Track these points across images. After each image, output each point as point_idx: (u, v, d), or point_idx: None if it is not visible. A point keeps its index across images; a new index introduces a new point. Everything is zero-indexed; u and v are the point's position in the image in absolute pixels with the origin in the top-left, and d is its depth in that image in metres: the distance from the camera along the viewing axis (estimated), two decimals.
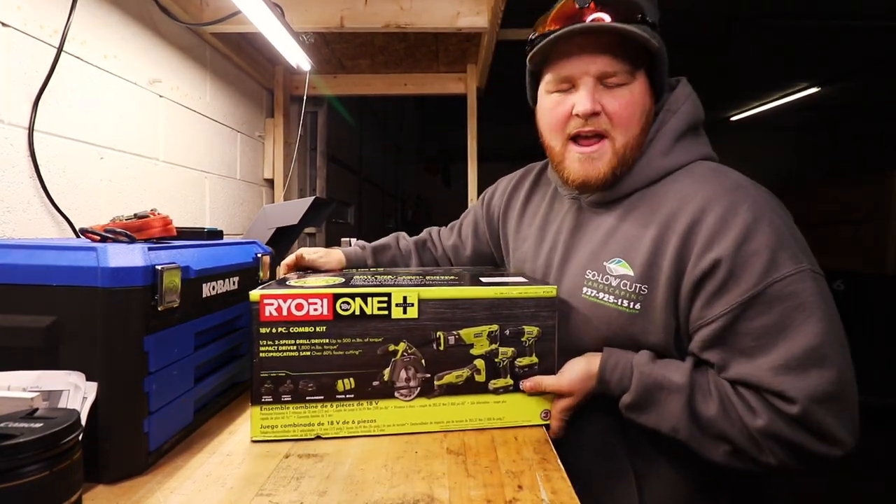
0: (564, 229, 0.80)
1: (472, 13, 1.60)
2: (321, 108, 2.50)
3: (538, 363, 0.73)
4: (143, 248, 0.60)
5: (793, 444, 0.59)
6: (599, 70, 0.68)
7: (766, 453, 0.60)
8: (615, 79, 0.69)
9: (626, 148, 0.70)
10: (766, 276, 0.60)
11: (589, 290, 0.73)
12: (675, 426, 0.64)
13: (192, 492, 0.55)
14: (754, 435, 0.60)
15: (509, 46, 2.07)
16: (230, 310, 0.79)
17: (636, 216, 0.71)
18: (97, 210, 1.14)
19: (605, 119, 0.69)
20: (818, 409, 0.57)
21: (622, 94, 0.69)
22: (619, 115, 0.69)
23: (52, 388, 0.54)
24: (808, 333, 0.59)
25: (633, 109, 0.69)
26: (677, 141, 0.73)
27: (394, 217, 5.62)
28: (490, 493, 0.55)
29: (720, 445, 0.63)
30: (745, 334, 0.62)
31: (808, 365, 0.58)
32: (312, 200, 1.36)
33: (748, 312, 0.61)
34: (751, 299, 0.60)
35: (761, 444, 0.60)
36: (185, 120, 1.51)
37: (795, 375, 0.58)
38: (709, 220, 0.64)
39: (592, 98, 0.68)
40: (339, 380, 0.68)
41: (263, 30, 1.36)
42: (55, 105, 1.02)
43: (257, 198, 2.07)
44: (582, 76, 0.69)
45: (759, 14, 3.55)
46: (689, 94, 0.76)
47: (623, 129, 0.69)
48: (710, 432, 0.63)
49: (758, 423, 0.60)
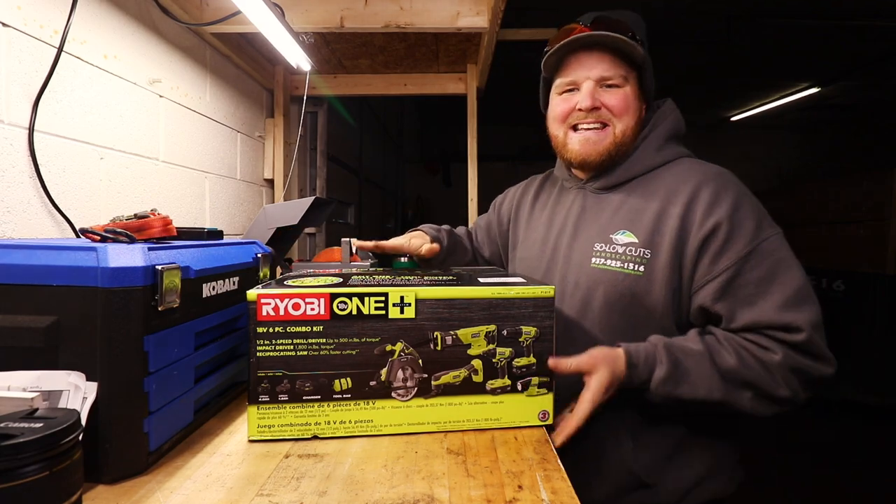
0: (573, 214, 0.93)
1: (472, 13, 1.60)
2: (321, 108, 2.50)
3: (536, 363, 0.73)
4: (144, 248, 0.60)
5: (802, 370, 0.72)
6: (598, 74, 0.85)
7: (781, 386, 0.72)
8: (611, 81, 0.85)
9: (623, 134, 0.86)
10: (756, 238, 0.76)
11: (597, 259, 0.84)
12: (710, 387, 0.73)
13: (192, 492, 0.55)
14: (772, 370, 0.72)
15: (509, 47, 2.07)
16: (230, 310, 0.79)
17: (637, 196, 0.86)
18: (97, 210, 1.14)
19: (606, 112, 0.85)
20: (815, 334, 0.72)
21: (618, 92, 0.85)
22: (617, 107, 0.85)
23: (53, 388, 0.54)
24: (794, 278, 0.75)
25: (628, 104, 0.85)
26: (666, 142, 0.89)
27: (394, 217, 5.62)
28: (490, 493, 0.55)
29: (745, 392, 0.73)
30: (745, 285, 0.75)
31: (801, 301, 0.73)
32: (312, 200, 1.36)
33: (746, 266, 0.75)
34: (747, 255, 0.75)
35: (778, 378, 0.72)
36: (186, 120, 1.51)
37: (796, 309, 0.73)
38: (705, 194, 0.79)
39: (592, 96, 0.84)
40: (335, 380, 0.68)
41: (263, 30, 1.36)
42: (55, 105, 1.02)
43: (257, 198, 2.07)
44: (584, 80, 0.85)
45: (760, 13, 3.55)
46: (674, 109, 0.93)
47: (620, 118, 0.85)
48: (736, 382, 0.73)
49: (776, 358, 0.72)
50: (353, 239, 1.60)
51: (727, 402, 0.73)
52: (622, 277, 0.81)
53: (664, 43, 4.21)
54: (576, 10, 0.96)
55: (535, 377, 0.73)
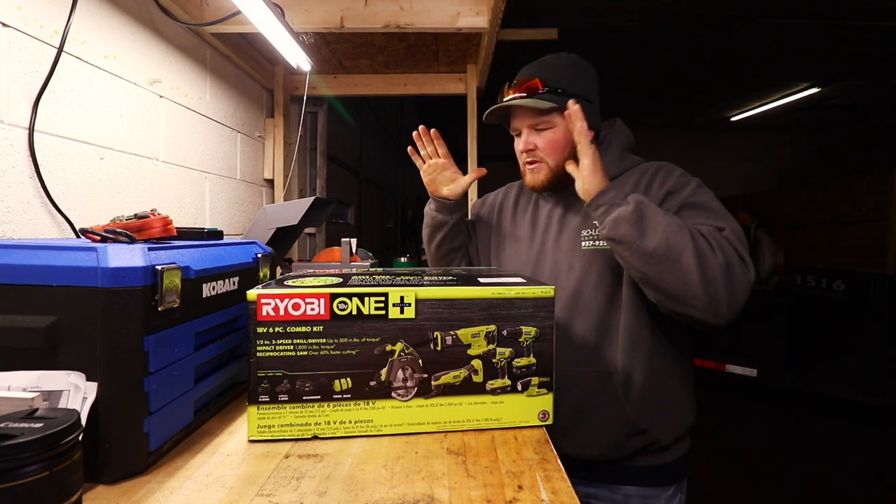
0: (556, 212, 1.08)
1: (472, 13, 1.60)
2: (321, 108, 2.50)
3: (536, 364, 0.73)
4: (144, 248, 0.60)
5: (727, 251, 0.83)
6: (528, 123, 1.03)
7: (716, 251, 0.82)
8: (540, 126, 1.02)
9: (557, 167, 1.02)
10: (696, 190, 0.95)
11: (586, 242, 1.01)
12: (666, 228, 0.82)
13: (192, 492, 0.55)
14: (705, 234, 0.84)
15: (509, 47, 2.07)
16: (230, 310, 0.79)
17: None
18: (97, 210, 1.14)
19: (539, 151, 1.03)
20: (737, 240, 0.85)
21: (546, 135, 1.02)
22: (545, 148, 1.02)
23: (53, 388, 0.54)
24: (725, 215, 0.91)
25: (556, 143, 1.02)
26: (622, 153, 1.06)
27: (394, 217, 5.62)
28: (490, 494, 0.55)
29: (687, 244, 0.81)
30: (687, 215, 0.92)
31: (729, 221, 0.89)
32: (312, 200, 1.36)
33: (688, 204, 0.93)
34: (689, 197, 0.94)
35: (711, 242, 0.83)
36: (186, 120, 1.51)
37: (723, 221, 0.89)
38: (660, 175, 0.99)
39: (526, 141, 1.04)
40: (335, 380, 0.68)
41: (263, 30, 1.36)
42: (55, 105, 1.02)
43: (257, 198, 2.07)
44: (522, 128, 1.04)
45: (760, 13, 3.55)
46: (623, 127, 1.10)
47: (552, 156, 1.02)
48: (682, 231, 0.82)
49: (705, 229, 0.85)
50: (353, 239, 1.60)
51: (676, 251, 0.81)
52: (611, 253, 0.95)
53: (664, 44, 4.21)
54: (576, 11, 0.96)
55: (535, 377, 0.73)
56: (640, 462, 0.99)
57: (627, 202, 0.84)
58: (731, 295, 0.81)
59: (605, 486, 1.01)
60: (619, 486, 1.00)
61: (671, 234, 0.81)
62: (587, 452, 0.97)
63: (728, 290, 0.81)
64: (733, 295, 0.81)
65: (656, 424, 0.97)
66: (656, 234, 0.81)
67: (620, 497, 1.00)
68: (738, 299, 0.82)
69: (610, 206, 0.86)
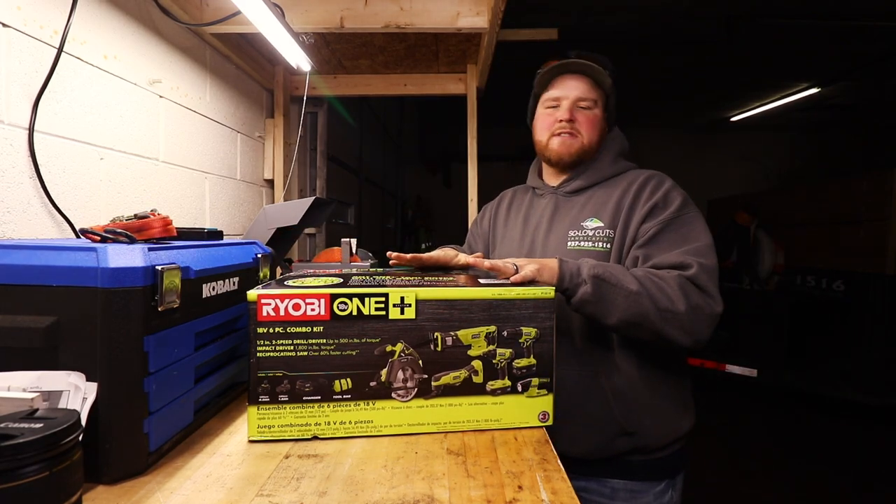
0: (546, 213, 1.13)
1: (472, 13, 1.60)
2: (321, 108, 2.50)
3: (536, 364, 0.73)
4: (144, 248, 0.60)
5: (690, 294, 0.87)
6: (576, 96, 1.08)
7: (679, 300, 0.86)
8: (584, 103, 1.08)
9: (589, 144, 1.09)
10: (679, 211, 0.98)
11: (573, 242, 1.04)
12: (626, 303, 0.85)
13: (192, 492, 0.55)
14: (667, 286, 0.87)
15: (509, 47, 2.07)
16: (230, 310, 0.79)
17: (600, 195, 1.08)
18: (97, 210, 1.14)
19: (578, 125, 1.08)
20: (704, 273, 0.89)
21: (587, 113, 1.09)
22: (585, 123, 1.08)
23: (53, 388, 0.54)
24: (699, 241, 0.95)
25: (594, 122, 1.09)
26: (616, 158, 1.12)
27: (394, 217, 5.63)
28: (490, 494, 0.55)
29: (650, 307, 0.85)
30: (662, 241, 0.96)
31: (700, 255, 0.92)
32: (312, 201, 1.36)
33: (667, 228, 0.96)
34: (670, 219, 0.97)
35: (673, 294, 0.86)
36: (186, 120, 1.51)
37: (693, 257, 0.92)
38: (649, 186, 1.03)
39: (570, 111, 1.08)
40: (336, 380, 0.68)
41: (263, 30, 1.36)
42: (55, 105, 1.02)
43: (257, 198, 2.07)
44: (565, 99, 1.09)
45: (760, 13, 3.55)
46: (619, 134, 1.17)
47: (587, 132, 1.09)
48: (642, 297, 0.86)
49: (669, 277, 0.89)
50: (353, 239, 1.60)
51: (639, 317, 0.86)
52: (595, 255, 1.00)
53: (664, 45, 4.21)
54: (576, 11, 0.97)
55: (536, 378, 0.73)
56: (629, 458, 1.00)
57: (586, 281, 0.86)
58: (695, 333, 0.87)
59: (594, 479, 1.02)
60: (607, 479, 1.01)
61: (631, 304, 0.85)
62: (574, 450, 0.98)
63: (692, 330, 0.87)
64: (698, 332, 0.88)
65: (646, 428, 0.97)
66: (617, 312, 0.86)
67: (608, 490, 1.01)
68: (704, 334, 0.88)
69: (573, 287, 0.87)
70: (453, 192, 7.23)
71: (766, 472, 2.82)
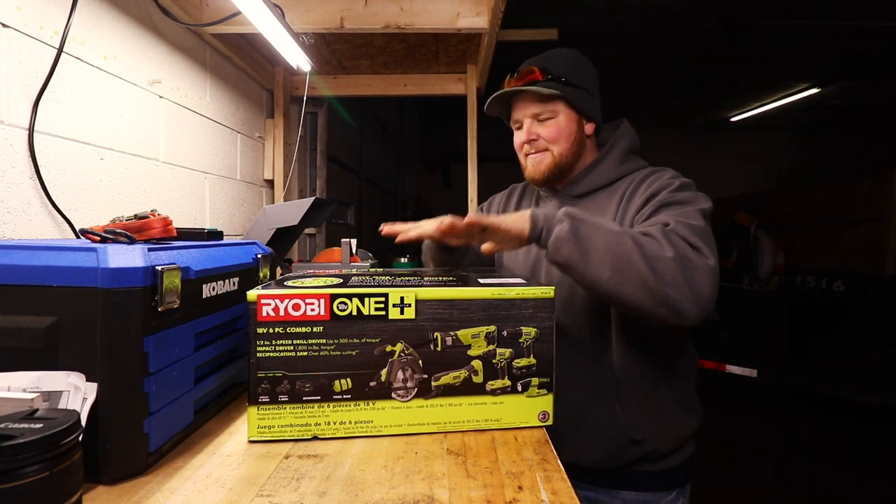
0: None
1: (471, 14, 1.60)
2: (321, 108, 2.50)
3: (536, 364, 0.73)
4: (143, 248, 0.60)
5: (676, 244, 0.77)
6: (531, 112, 1.02)
7: (665, 247, 0.76)
8: (542, 115, 1.01)
9: (561, 156, 1.01)
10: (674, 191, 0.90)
11: None
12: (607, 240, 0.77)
13: (191, 492, 0.55)
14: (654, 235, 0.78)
15: (509, 47, 2.07)
16: (230, 310, 0.79)
17: (604, 198, 1.02)
18: (97, 211, 1.14)
19: (543, 141, 1.02)
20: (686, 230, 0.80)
21: (550, 124, 1.01)
22: (549, 136, 1.01)
23: (53, 388, 0.54)
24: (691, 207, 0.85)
25: (559, 132, 1.00)
26: (625, 156, 1.04)
27: (394, 217, 5.62)
28: (490, 494, 0.55)
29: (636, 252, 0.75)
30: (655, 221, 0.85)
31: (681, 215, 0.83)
32: (312, 201, 1.36)
33: (660, 209, 0.88)
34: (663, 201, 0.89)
35: (660, 241, 0.77)
36: (186, 120, 1.51)
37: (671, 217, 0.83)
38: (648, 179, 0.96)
39: (529, 132, 1.02)
40: (335, 380, 0.68)
41: (263, 30, 1.36)
42: (55, 106, 1.02)
43: (257, 198, 2.07)
44: (524, 118, 1.03)
45: (760, 13, 3.55)
46: (629, 129, 1.08)
47: (556, 144, 1.01)
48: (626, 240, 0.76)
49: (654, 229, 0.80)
50: (353, 240, 1.60)
51: (623, 261, 0.75)
52: None
53: (664, 45, 4.21)
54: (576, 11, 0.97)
55: (535, 378, 0.73)
56: (639, 468, 0.97)
57: (562, 219, 0.79)
58: (692, 289, 0.75)
59: (603, 490, 0.99)
60: (618, 490, 0.99)
61: (612, 244, 0.76)
62: (583, 460, 0.96)
63: (688, 284, 0.74)
64: (696, 288, 0.75)
65: (653, 434, 0.95)
66: (598, 254, 0.76)
67: (619, 502, 0.99)
68: (704, 291, 0.76)
69: (547, 228, 0.80)
70: (453, 192, 7.24)
71: (766, 472, 2.82)
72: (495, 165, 6.46)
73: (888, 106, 5.85)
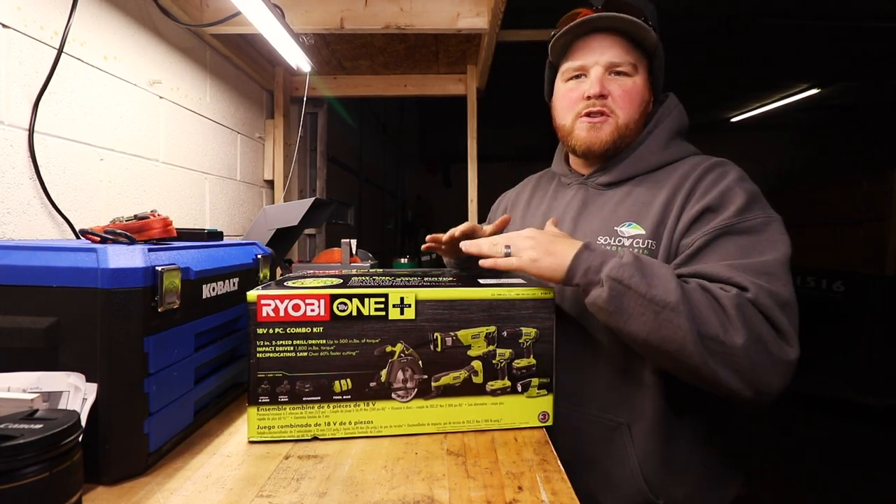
0: (572, 209, 0.89)
1: (472, 14, 1.60)
2: (321, 109, 2.50)
3: (536, 365, 0.73)
4: (143, 249, 0.60)
5: (753, 325, 0.62)
6: (608, 61, 0.82)
7: (735, 328, 0.61)
8: (620, 69, 0.82)
9: (626, 126, 0.83)
10: (741, 213, 0.72)
11: None
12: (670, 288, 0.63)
13: (191, 493, 0.55)
14: (723, 303, 0.63)
15: (509, 47, 2.07)
16: (230, 311, 0.79)
17: (643, 190, 0.82)
18: (97, 211, 1.14)
19: (611, 101, 0.82)
20: (769, 300, 0.63)
21: (625, 82, 0.82)
22: (622, 97, 0.82)
23: (53, 389, 0.54)
24: (767, 257, 0.67)
25: (633, 95, 0.82)
26: (672, 139, 0.86)
27: (394, 217, 5.62)
28: (490, 495, 0.55)
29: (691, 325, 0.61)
30: (713, 252, 0.71)
31: (759, 273, 0.65)
32: (312, 201, 1.36)
33: (720, 239, 0.71)
34: (726, 227, 0.71)
35: (733, 315, 0.61)
36: (186, 121, 1.51)
37: (746, 273, 0.65)
38: (708, 178, 0.77)
39: (601, 83, 0.81)
40: (335, 381, 0.68)
41: (263, 31, 1.36)
42: (55, 106, 1.02)
43: (257, 199, 2.07)
44: (593, 66, 0.82)
45: (760, 14, 3.55)
46: (677, 104, 0.89)
47: (624, 110, 0.82)
48: (693, 301, 0.63)
49: (730, 292, 0.64)
50: (353, 240, 1.60)
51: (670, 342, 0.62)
52: None
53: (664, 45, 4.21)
54: None
55: (535, 378, 0.73)
56: None
57: (601, 281, 0.65)
58: (757, 380, 0.61)
59: None
60: None
61: (661, 324, 0.62)
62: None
63: (754, 374, 0.61)
64: (762, 380, 0.61)
65: (677, 499, 0.77)
66: (641, 331, 0.64)
67: None
68: (772, 385, 0.62)
69: (585, 285, 0.67)
70: (453, 192, 7.23)
71: (765, 472, 2.82)
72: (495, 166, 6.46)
73: (888, 106, 5.85)
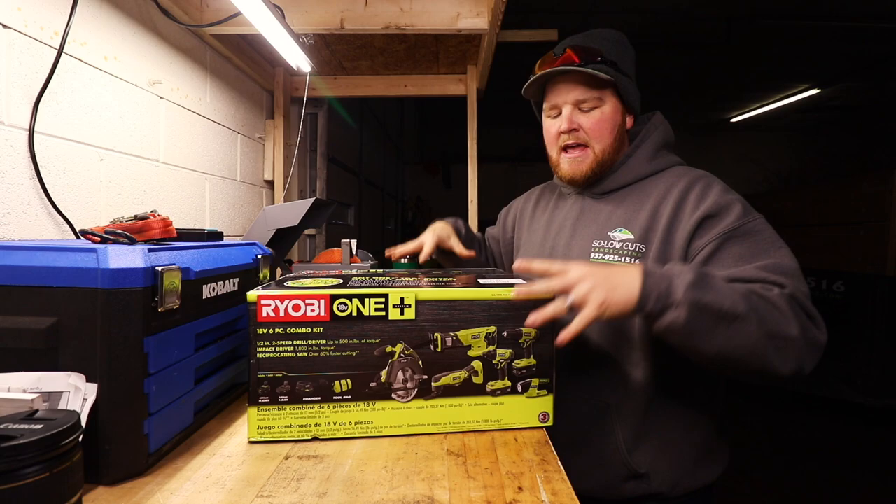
0: (571, 216, 1.00)
1: (472, 14, 1.61)
2: (321, 109, 2.50)
3: (536, 365, 0.73)
4: (144, 249, 0.60)
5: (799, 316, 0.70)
6: (574, 98, 0.92)
7: (792, 322, 0.68)
8: (587, 104, 0.91)
9: (603, 152, 0.93)
10: (741, 218, 0.81)
11: (596, 254, 0.90)
12: (736, 298, 0.67)
13: (192, 493, 0.55)
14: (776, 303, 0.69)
15: (509, 48, 2.07)
16: (230, 311, 0.79)
17: (632, 200, 0.92)
18: (97, 211, 1.14)
19: (584, 133, 0.92)
20: (800, 294, 0.72)
21: (594, 114, 0.92)
22: (592, 129, 0.92)
23: (53, 389, 0.54)
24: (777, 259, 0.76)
25: (603, 124, 0.92)
26: (657, 151, 0.95)
27: (394, 218, 5.63)
28: (490, 495, 0.55)
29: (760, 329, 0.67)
30: (727, 257, 0.79)
31: (784, 272, 0.74)
32: (313, 202, 1.36)
33: (729, 241, 0.79)
34: (731, 231, 0.80)
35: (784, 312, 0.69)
36: (186, 121, 1.51)
37: (774, 273, 0.74)
38: (695, 191, 0.86)
39: (570, 120, 0.92)
40: (336, 381, 0.68)
41: (264, 31, 1.36)
42: (55, 106, 1.02)
43: (257, 199, 2.07)
44: (563, 105, 0.93)
45: (760, 14, 3.55)
46: (662, 121, 0.99)
47: (598, 139, 0.92)
48: (757, 308, 0.68)
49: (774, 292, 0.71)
50: (353, 240, 1.60)
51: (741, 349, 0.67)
52: None
53: (664, 46, 4.22)
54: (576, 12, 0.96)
55: (536, 378, 0.73)
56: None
57: (678, 305, 0.66)
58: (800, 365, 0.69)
59: None
60: None
61: (735, 335, 0.66)
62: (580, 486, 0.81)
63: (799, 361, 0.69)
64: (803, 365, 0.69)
65: (660, 474, 0.85)
66: (714, 345, 0.68)
67: None
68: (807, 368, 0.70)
69: (660, 308, 0.68)
70: (453, 192, 7.24)
71: (765, 472, 2.81)
72: (495, 167, 6.46)
73: (888, 107, 5.85)
